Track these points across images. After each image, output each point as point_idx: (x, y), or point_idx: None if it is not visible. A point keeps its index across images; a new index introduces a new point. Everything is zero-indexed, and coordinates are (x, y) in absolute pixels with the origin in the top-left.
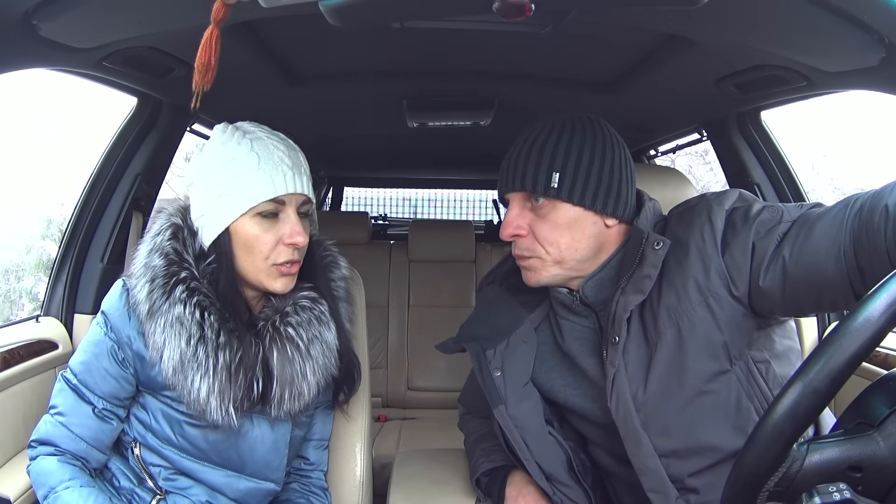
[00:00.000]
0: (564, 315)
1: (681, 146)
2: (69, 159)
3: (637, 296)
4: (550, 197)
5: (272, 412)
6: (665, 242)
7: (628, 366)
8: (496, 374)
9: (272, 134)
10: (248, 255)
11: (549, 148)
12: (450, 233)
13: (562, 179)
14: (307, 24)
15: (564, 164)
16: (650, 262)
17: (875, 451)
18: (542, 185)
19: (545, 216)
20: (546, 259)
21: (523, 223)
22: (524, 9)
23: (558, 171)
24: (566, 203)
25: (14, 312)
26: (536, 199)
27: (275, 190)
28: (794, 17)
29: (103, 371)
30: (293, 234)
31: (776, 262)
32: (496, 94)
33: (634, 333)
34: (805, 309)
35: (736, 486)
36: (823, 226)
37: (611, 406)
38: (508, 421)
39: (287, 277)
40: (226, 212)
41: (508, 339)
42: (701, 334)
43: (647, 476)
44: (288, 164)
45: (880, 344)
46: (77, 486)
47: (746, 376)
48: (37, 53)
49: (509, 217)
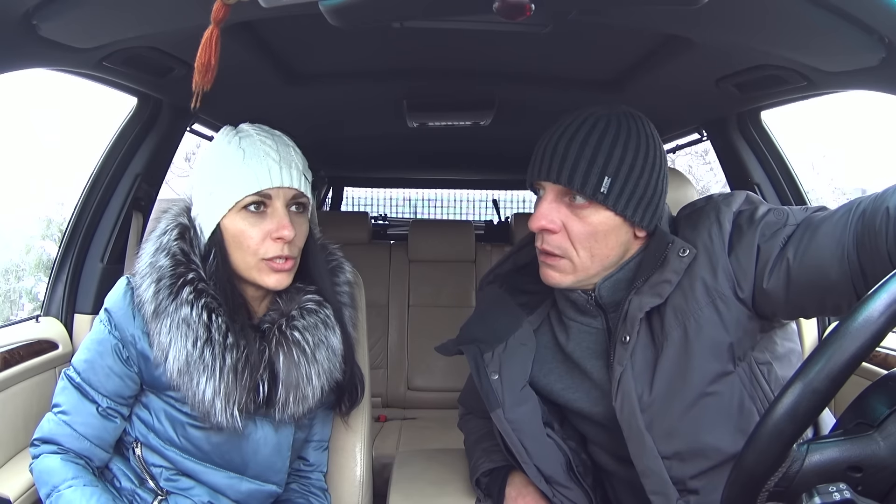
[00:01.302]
0: (572, 316)
1: (681, 146)
2: (69, 159)
3: (654, 298)
4: (598, 202)
5: (276, 415)
6: (691, 251)
7: (635, 366)
8: (493, 377)
9: (263, 130)
10: (238, 250)
11: (604, 146)
12: (450, 233)
13: (612, 185)
14: (307, 24)
15: (618, 169)
16: (672, 268)
17: (875, 451)
18: (591, 187)
19: (584, 218)
20: (576, 263)
21: (557, 218)
22: (524, 9)
23: (610, 177)
24: (608, 210)
25: (14, 312)
26: (574, 197)
27: (258, 183)
28: (794, 18)
29: (107, 369)
30: (280, 227)
31: (780, 265)
32: (496, 94)
33: (642, 334)
34: (808, 311)
35: (736, 486)
36: (827, 229)
37: (615, 406)
38: (506, 424)
39: (281, 274)
40: (215, 208)
41: (507, 341)
42: (707, 335)
43: (650, 478)
44: (274, 157)
45: (880, 344)
46: (80, 484)
47: (749, 378)
48: (37, 53)
49: (543, 209)
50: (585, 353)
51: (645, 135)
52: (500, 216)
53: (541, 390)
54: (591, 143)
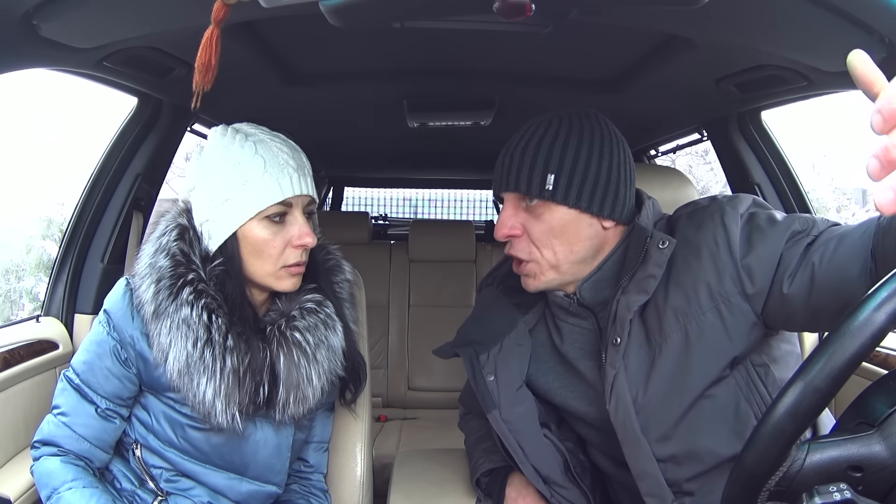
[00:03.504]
0: (562, 317)
1: (681, 146)
2: (69, 159)
3: (640, 296)
4: (545, 199)
5: (276, 416)
6: (671, 242)
7: (628, 368)
8: (489, 378)
9: (274, 136)
10: (257, 258)
11: (544, 146)
12: (450, 233)
13: (557, 181)
14: (307, 24)
15: (560, 164)
16: (655, 262)
17: (875, 451)
18: (536, 187)
19: (539, 216)
20: (542, 263)
21: (517, 223)
22: (524, 9)
23: (553, 173)
24: (561, 205)
25: (14, 312)
26: (531, 200)
27: (282, 193)
28: (794, 18)
29: (106, 370)
30: (302, 235)
31: (805, 269)
32: (496, 94)
33: (635, 335)
34: (822, 320)
35: (736, 486)
36: (854, 237)
37: (609, 409)
38: (502, 425)
39: (296, 277)
40: (233, 216)
41: (502, 342)
42: (709, 339)
43: (645, 480)
44: (293, 165)
45: (880, 344)
46: (79, 486)
47: (746, 381)
48: (37, 53)
49: (503, 217)
50: (578, 353)
51: (591, 128)
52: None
53: (538, 389)
54: (531, 146)
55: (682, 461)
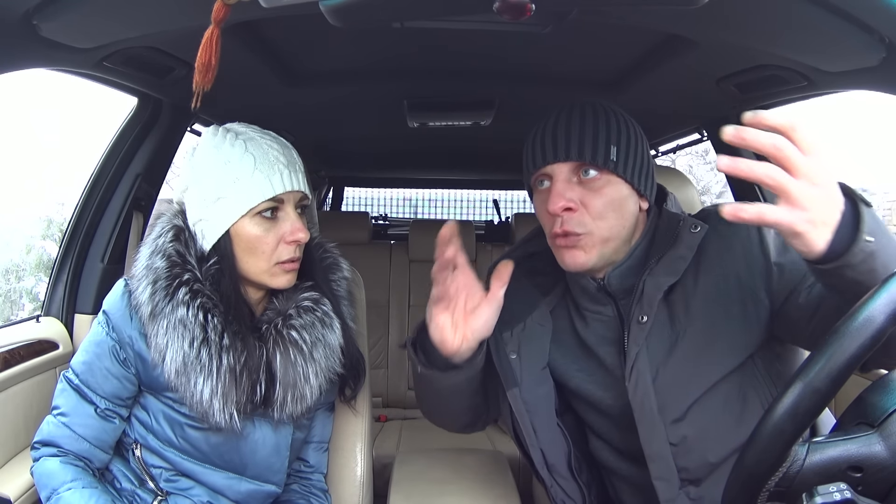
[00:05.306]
0: (586, 305)
1: (681, 146)
2: (69, 159)
3: (670, 277)
4: (609, 170)
5: (274, 415)
6: (703, 226)
7: (650, 347)
8: (512, 356)
9: (264, 133)
10: (250, 256)
11: (601, 120)
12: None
13: (619, 153)
14: (307, 24)
15: (619, 137)
16: (686, 244)
17: (875, 451)
18: (601, 156)
19: (598, 189)
20: (596, 236)
21: (574, 196)
22: (524, 9)
23: (615, 145)
24: (620, 178)
25: (14, 312)
26: (586, 172)
27: (273, 189)
28: (794, 18)
29: (105, 371)
30: (294, 231)
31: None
32: (496, 94)
33: (661, 315)
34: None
35: (736, 486)
36: None
37: (629, 386)
38: (521, 405)
39: (291, 274)
40: (225, 215)
41: (525, 321)
42: (732, 330)
43: (657, 463)
44: (283, 162)
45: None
46: (79, 487)
47: (754, 371)
48: (37, 53)
49: (558, 189)
50: (599, 340)
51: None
52: (500, 216)
53: (556, 371)
54: (589, 119)
55: (691, 446)
